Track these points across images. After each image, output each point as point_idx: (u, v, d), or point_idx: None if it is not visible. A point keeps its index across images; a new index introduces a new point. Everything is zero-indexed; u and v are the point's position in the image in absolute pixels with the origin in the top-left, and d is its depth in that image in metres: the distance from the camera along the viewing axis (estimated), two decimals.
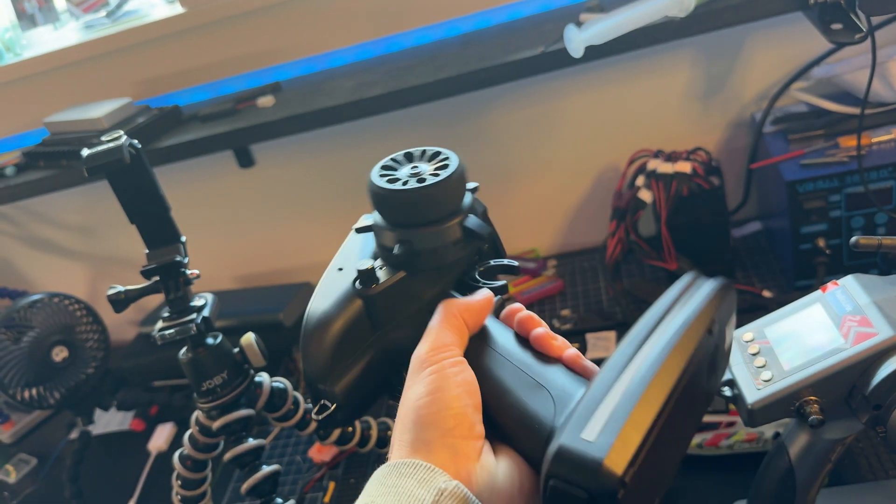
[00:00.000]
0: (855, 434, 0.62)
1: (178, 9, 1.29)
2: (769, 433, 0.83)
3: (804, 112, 1.11)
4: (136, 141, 0.81)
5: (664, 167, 1.11)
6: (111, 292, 0.82)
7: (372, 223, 0.52)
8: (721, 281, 0.42)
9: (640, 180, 1.14)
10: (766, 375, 0.60)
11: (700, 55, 1.20)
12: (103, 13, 1.42)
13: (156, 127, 1.21)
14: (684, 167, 1.10)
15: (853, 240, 0.62)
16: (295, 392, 0.93)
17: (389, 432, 1.01)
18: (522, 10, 1.23)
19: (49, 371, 1.13)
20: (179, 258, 0.84)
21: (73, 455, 1.16)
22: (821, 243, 1.03)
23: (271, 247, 1.49)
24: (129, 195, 0.82)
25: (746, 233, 1.25)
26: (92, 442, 1.21)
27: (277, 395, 0.91)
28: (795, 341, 0.61)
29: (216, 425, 0.85)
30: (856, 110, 1.03)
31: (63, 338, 1.15)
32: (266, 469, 0.85)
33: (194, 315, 0.83)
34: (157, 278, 0.84)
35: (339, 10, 1.25)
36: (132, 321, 1.49)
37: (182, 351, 0.85)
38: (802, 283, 1.07)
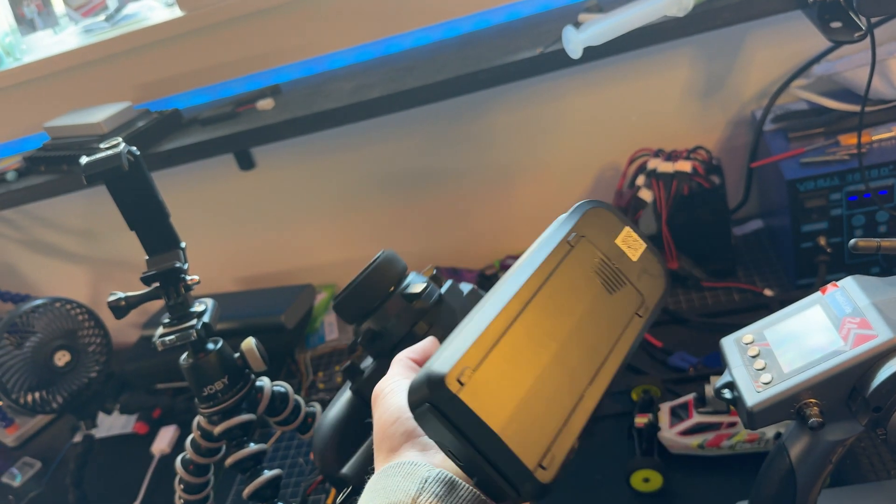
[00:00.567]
0: (855, 435, 0.62)
1: (177, 12, 1.29)
2: (770, 433, 0.83)
3: (804, 110, 1.11)
4: (135, 148, 0.81)
5: (664, 166, 1.11)
6: (111, 299, 0.82)
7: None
8: (582, 202, 0.48)
9: (641, 180, 1.13)
10: (766, 378, 0.60)
11: (699, 54, 1.20)
12: (102, 17, 1.43)
13: (156, 131, 1.21)
14: (685, 166, 1.10)
15: (852, 242, 0.61)
16: (296, 395, 0.94)
17: None
18: (521, 11, 1.22)
19: (51, 375, 1.14)
20: (179, 264, 0.84)
21: (77, 458, 1.17)
22: (822, 242, 1.02)
23: (273, 249, 1.49)
24: (128, 202, 0.82)
25: (747, 231, 1.25)
26: (95, 445, 1.21)
27: (279, 399, 0.91)
28: (795, 343, 0.61)
29: (217, 430, 0.85)
30: (856, 108, 1.03)
31: (65, 342, 1.15)
32: (268, 474, 0.85)
33: (194, 321, 0.83)
34: (157, 284, 0.84)
35: (338, 12, 1.25)
36: (135, 324, 1.49)
37: (183, 357, 0.85)
38: (804, 282, 1.06)
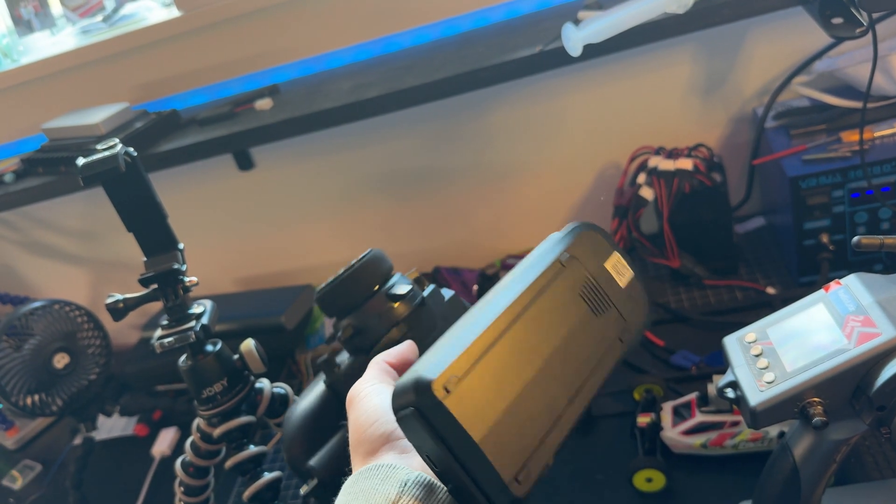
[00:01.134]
0: (859, 434, 0.61)
1: (175, 12, 1.29)
2: (774, 432, 0.82)
3: (806, 107, 1.10)
4: (132, 149, 0.81)
5: (665, 164, 1.11)
6: (109, 301, 0.82)
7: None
8: (576, 224, 0.47)
9: (642, 178, 1.13)
10: (769, 377, 0.59)
11: (700, 51, 1.19)
12: (100, 18, 1.42)
13: (154, 131, 1.21)
14: (686, 164, 1.10)
15: (855, 240, 0.61)
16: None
17: None
18: (520, 9, 1.22)
19: (51, 378, 1.13)
20: (177, 266, 0.83)
21: (77, 461, 1.16)
22: (824, 239, 1.02)
23: (272, 249, 1.48)
24: (126, 203, 0.82)
25: (750, 228, 1.24)
26: (95, 447, 1.21)
27: (279, 401, 0.90)
28: (798, 342, 0.60)
29: (217, 433, 0.84)
30: (858, 104, 1.02)
31: (64, 345, 1.15)
32: (268, 476, 0.84)
33: (193, 323, 0.83)
34: (156, 286, 0.84)
35: (336, 12, 1.25)
36: (134, 325, 1.49)
37: (182, 359, 0.85)
38: (806, 280, 1.06)
